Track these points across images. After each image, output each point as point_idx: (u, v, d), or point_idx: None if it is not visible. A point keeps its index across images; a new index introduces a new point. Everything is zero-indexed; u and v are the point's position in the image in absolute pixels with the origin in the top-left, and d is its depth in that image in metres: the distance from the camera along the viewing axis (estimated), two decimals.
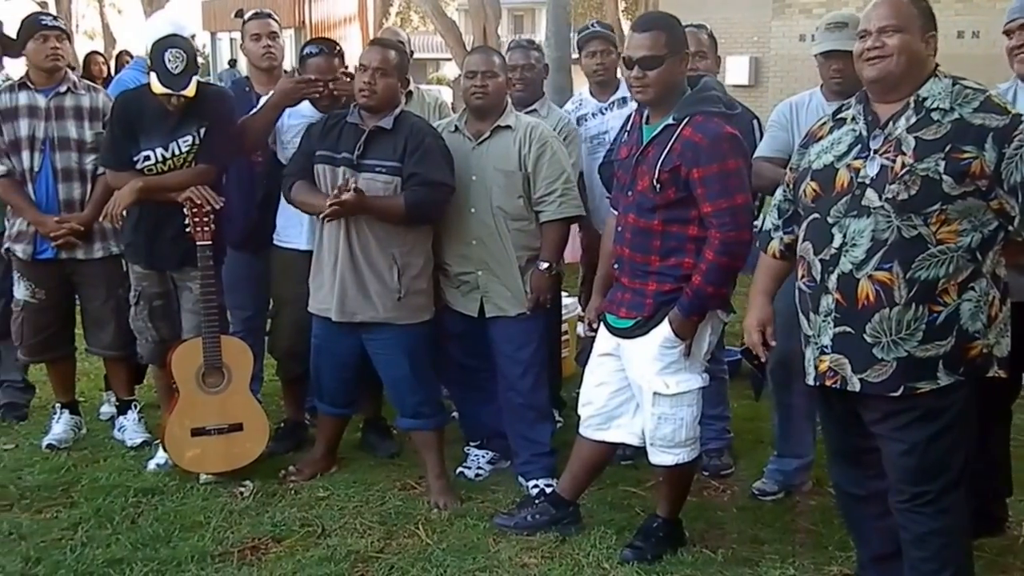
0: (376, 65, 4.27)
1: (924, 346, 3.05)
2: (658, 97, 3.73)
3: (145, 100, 4.57)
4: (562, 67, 15.35)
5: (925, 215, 3.00)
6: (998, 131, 2.97)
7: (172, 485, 4.57)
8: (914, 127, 3.06)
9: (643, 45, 3.70)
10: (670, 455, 3.84)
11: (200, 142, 4.55)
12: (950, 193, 2.98)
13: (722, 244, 3.62)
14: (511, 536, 4.12)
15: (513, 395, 4.54)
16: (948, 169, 2.98)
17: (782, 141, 4.39)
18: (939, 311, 3.03)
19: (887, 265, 3.05)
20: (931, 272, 3.02)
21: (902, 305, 3.04)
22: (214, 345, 4.52)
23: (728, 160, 3.65)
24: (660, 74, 3.69)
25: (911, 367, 3.06)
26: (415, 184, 4.23)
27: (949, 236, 3.01)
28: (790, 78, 19.00)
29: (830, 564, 3.92)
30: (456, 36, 22.60)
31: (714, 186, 3.62)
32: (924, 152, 3.01)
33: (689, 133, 3.66)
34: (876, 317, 3.07)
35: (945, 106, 3.05)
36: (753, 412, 5.32)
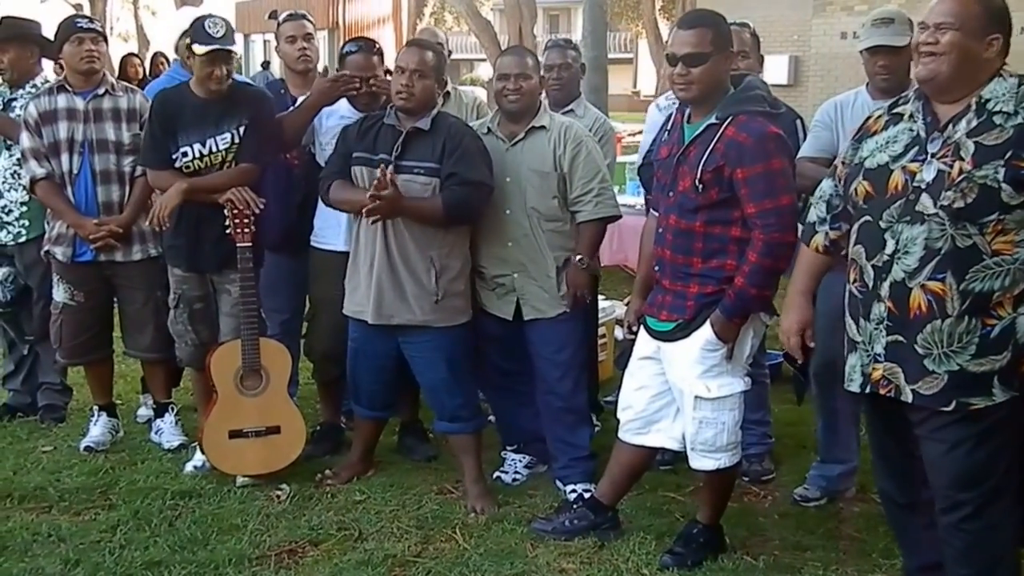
0: (414, 67, 4.24)
1: (978, 360, 2.96)
2: (701, 95, 3.68)
3: (184, 97, 4.60)
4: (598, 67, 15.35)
5: (981, 224, 2.91)
6: None
7: (209, 488, 4.57)
8: (975, 131, 2.95)
9: (688, 42, 3.66)
10: (711, 460, 3.80)
11: (240, 141, 4.56)
12: (1009, 202, 2.88)
13: (766, 245, 3.57)
14: (549, 541, 4.08)
15: (552, 398, 4.50)
16: (1008, 177, 2.87)
17: (826, 141, 4.34)
18: (993, 324, 2.94)
19: (940, 275, 2.96)
20: (986, 284, 2.93)
21: (955, 317, 2.95)
22: (253, 348, 4.51)
23: (773, 160, 3.59)
24: (704, 71, 3.64)
25: (964, 381, 2.97)
26: (454, 184, 4.20)
27: (1005, 247, 2.92)
28: (831, 77, 18.82)
29: (874, 572, 3.87)
30: (491, 36, 22.65)
31: (758, 186, 3.57)
32: (984, 158, 2.90)
33: (733, 132, 3.61)
34: (928, 328, 2.98)
35: (1009, 109, 2.93)
36: (795, 416, 5.25)
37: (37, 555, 4.00)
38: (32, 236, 5.18)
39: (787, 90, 18.33)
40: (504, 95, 4.38)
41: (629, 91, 41.80)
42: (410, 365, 4.48)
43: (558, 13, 51.72)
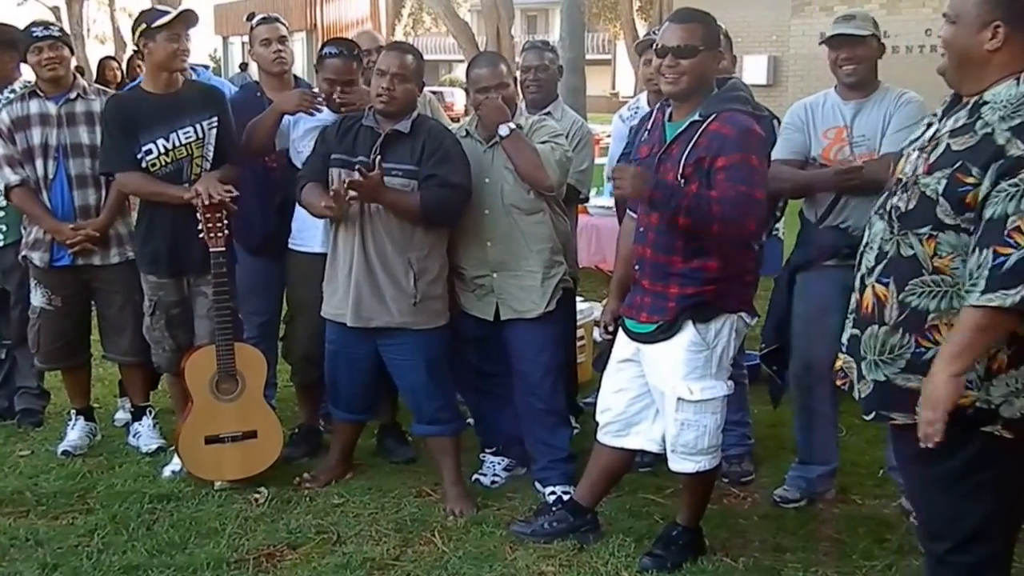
0: (395, 71, 4.23)
1: (906, 375, 2.75)
2: (688, 90, 3.68)
3: (139, 97, 4.63)
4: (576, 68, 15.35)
5: (919, 236, 2.69)
6: (1009, 161, 2.52)
7: (188, 491, 4.55)
8: (956, 131, 2.68)
9: (679, 35, 3.67)
10: (691, 462, 3.80)
11: (203, 136, 4.58)
12: (943, 220, 2.64)
13: (724, 212, 3.51)
14: (528, 544, 4.08)
15: (533, 399, 4.50)
16: (946, 191, 2.62)
17: (799, 143, 4.35)
18: (927, 347, 2.70)
19: (885, 280, 2.77)
20: (922, 301, 2.70)
21: (890, 327, 2.76)
22: (228, 353, 4.49)
23: (752, 155, 3.60)
24: (694, 65, 3.65)
25: (888, 393, 2.79)
26: (433, 185, 4.20)
27: (945, 267, 2.66)
28: (811, 77, 18.89)
29: (854, 573, 3.88)
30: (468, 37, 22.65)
31: (737, 173, 3.55)
32: (939, 164, 2.66)
33: (717, 127, 3.62)
34: (868, 331, 2.82)
35: (992, 118, 2.60)
36: (774, 418, 5.26)
37: (15, 559, 3.98)
38: (9, 241, 5.15)
39: (766, 90, 18.45)
40: None
41: (607, 92, 41.86)
42: (388, 367, 4.46)
43: (536, 14, 51.77)
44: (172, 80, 4.62)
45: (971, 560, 2.82)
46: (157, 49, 4.52)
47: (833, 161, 4.24)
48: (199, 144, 4.58)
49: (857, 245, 3.01)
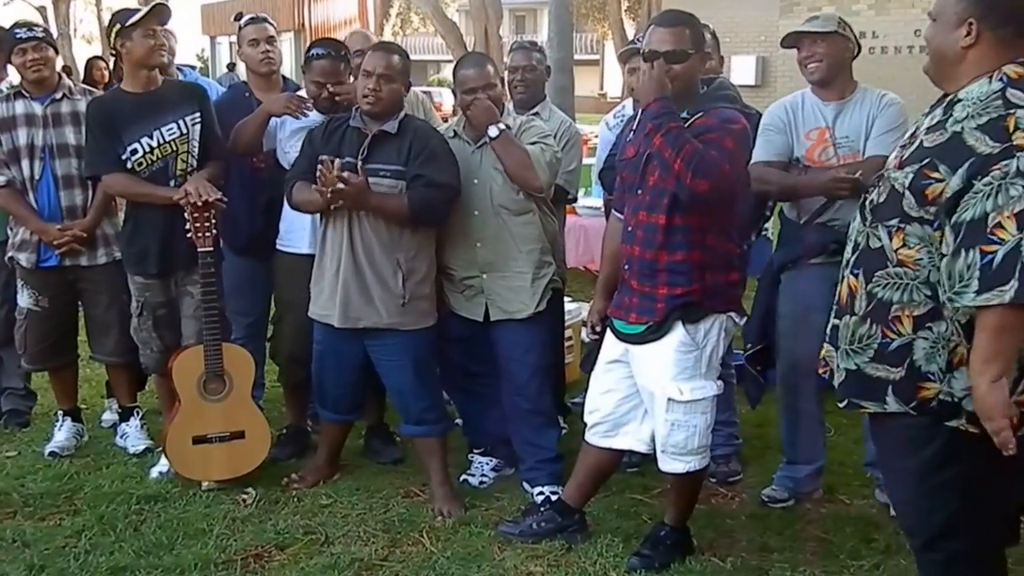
0: (381, 71, 4.22)
1: (875, 364, 2.81)
2: (677, 93, 3.69)
3: (119, 97, 4.64)
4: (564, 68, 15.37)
5: (888, 228, 2.75)
6: (979, 159, 2.55)
7: (175, 492, 4.54)
8: (930, 128, 2.73)
9: (669, 39, 3.69)
10: (681, 463, 3.81)
11: (187, 132, 4.58)
12: (908, 212, 2.69)
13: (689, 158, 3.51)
14: (516, 544, 4.08)
15: (520, 400, 4.50)
16: (912, 184, 2.67)
17: (781, 145, 4.34)
18: (892, 337, 2.76)
19: (856, 271, 2.85)
20: (886, 292, 2.76)
21: (859, 316, 2.82)
22: (215, 353, 4.49)
23: (730, 138, 3.61)
24: (684, 69, 3.68)
25: (859, 382, 2.85)
26: (421, 185, 4.19)
27: (909, 260, 2.72)
28: (798, 78, 18.87)
29: (841, 573, 3.89)
30: (457, 37, 22.63)
31: (713, 145, 3.57)
32: (910, 159, 2.72)
33: (702, 120, 3.65)
34: (843, 320, 2.89)
35: (961, 115, 2.64)
36: (761, 418, 5.28)
37: (2, 560, 3.97)
38: None
39: (755, 90, 18.49)
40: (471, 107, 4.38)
41: (596, 92, 41.88)
42: (376, 368, 4.46)
43: (524, 14, 51.77)
44: (152, 78, 4.62)
45: (941, 558, 2.87)
46: (134, 47, 4.53)
47: (817, 162, 4.24)
48: (183, 140, 4.59)
49: (843, 242, 3.04)
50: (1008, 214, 2.51)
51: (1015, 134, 2.55)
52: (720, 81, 4.09)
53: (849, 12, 17.65)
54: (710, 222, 3.69)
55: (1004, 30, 2.69)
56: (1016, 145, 2.53)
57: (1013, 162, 2.52)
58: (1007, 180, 2.52)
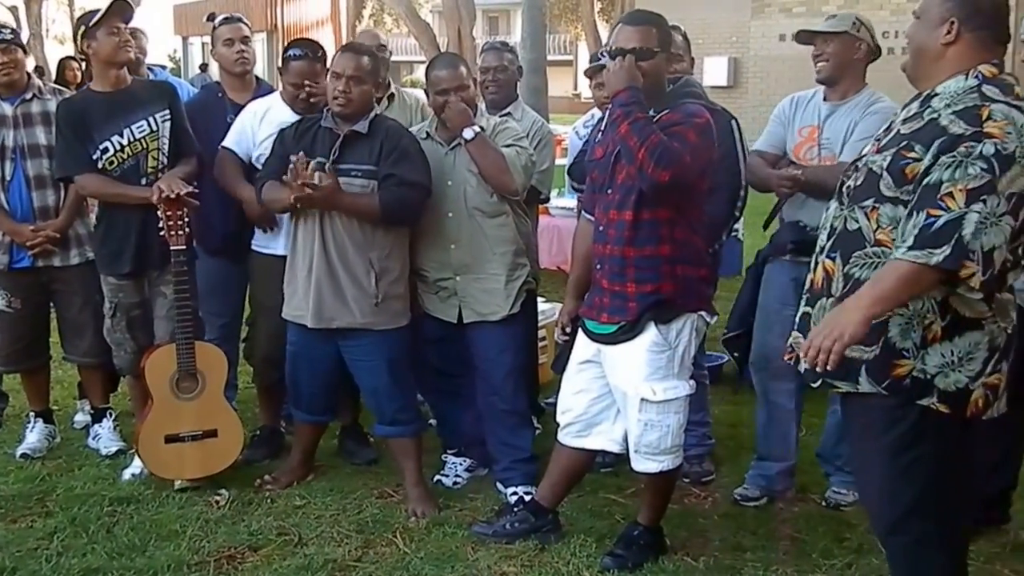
0: (351, 73, 4.22)
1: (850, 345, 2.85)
2: (644, 91, 3.70)
3: (88, 98, 4.62)
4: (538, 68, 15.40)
5: (864, 209, 2.87)
6: (951, 138, 2.72)
7: (148, 494, 4.52)
8: (907, 120, 2.89)
9: (635, 38, 3.71)
10: (655, 462, 3.82)
11: (157, 129, 4.57)
12: (884, 192, 2.83)
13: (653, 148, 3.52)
14: (490, 544, 4.08)
15: (495, 400, 4.51)
16: (890, 165, 2.82)
17: (777, 137, 4.45)
18: None
19: (833, 254, 2.96)
20: (864, 272, 2.87)
21: (836, 298, 2.92)
22: (188, 351, 4.47)
23: (692, 130, 3.63)
24: (650, 67, 3.70)
25: None
26: (392, 184, 4.20)
27: (886, 239, 2.84)
28: (770, 79, 19.10)
29: (814, 572, 3.91)
30: (430, 38, 22.60)
31: (676, 136, 3.59)
32: (888, 145, 2.88)
33: (668, 116, 3.68)
34: (818, 304, 2.99)
35: (939, 106, 2.81)
36: (734, 417, 5.30)
37: None
38: None
39: (726, 91, 18.57)
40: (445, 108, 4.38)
41: (569, 93, 41.90)
42: (350, 368, 4.46)
43: (497, 15, 51.76)
44: (121, 77, 4.61)
45: (908, 540, 2.95)
46: (100, 46, 4.52)
47: (803, 159, 4.31)
48: (154, 137, 4.57)
49: (811, 242, 3.12)
50: (961, 187, 2.67)
51: (987, 123, 2.71)
52: (686, 79, 4.13)
53: (819, 13, 17.77)
54: (677, 215, 3.72)
55: (983, 32, 2.87)
56: (986, 132, 2.70)
57: (980, 145, 2.69)
58: (969, 159, 2.69)
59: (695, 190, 3.75)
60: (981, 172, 2.66)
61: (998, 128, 2.70)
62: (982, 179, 2.66)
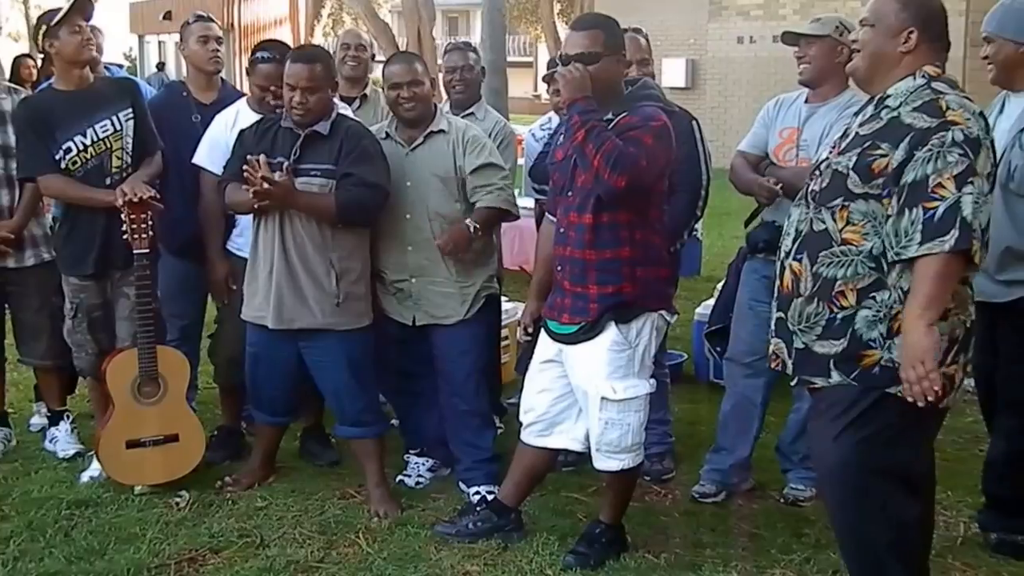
0: (304, 84, 4.20)
1: (821, 341, 3.05)
2: (595, 94, 3.71)
3: (50, 97, 4.60)
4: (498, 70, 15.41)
5: (832, 209, 2.99)
6: (919, 132, 2.88)
7: (106, 497, 4.49)
8: (865, 121, 3.04)
9: (580, 43, 3.73)
10: (616, 461, 3.84)
11: (120, 128, 4.54)
12: (853, 190, 2.96)
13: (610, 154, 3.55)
14: (453, 544, 4.09)
15: (457, 401, 4.51)
16: (856, 164, 2.95)
17: (760, 138, 4.52)
18: (836, 312, 3.01)
19: (799, 256, 3.07)
20: (831, 270, 3.00)
21: (806, 297, 3.05)
22: (150, 355, 4.44)
23: (649, 135, 3.65)
24: (596, 71, 3.70)
25: (808, 359, 3.08)
26: (350, 184, 4.19)
27: (854, 237, 2.98)
28: (728, 80, 19.26)
29: (773, 567, 3.94)
30: (389, 39, 22.56)
31: (631, 141, 3.61)
32: (849, 147, 3.00)
33: (626, 119, 3.70)
34: (791, 306, 3.10)
35: (894, 104, 2.99)
36: (694, 416, 5.34)
37: None
38: None
39: (685, 93, 18.69)
40: (399, 103, 4.38)
41: (529, 94, 41.95)
42: (311, 369, 4.45)
43: (457, 16, 51.72)
44: (84, 76, 4.57)
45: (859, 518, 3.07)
46: (63, 45, 4.48)
47: (782, 161, 4.37)
48: (117, 136, 4.54)
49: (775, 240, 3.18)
50: (948, 176, 2.82)
51: (948, 112, 2.89)
52: (643, 81, 4.15)
53: (776, 16, 17.96)
54: (637, 218, 3.74)
55: (937, 43, 3.04)
56: (950, 120, 2.87)
57: (949, 133, 2.85)
58: (944, 148, 2.84)
59: (654, 191, 3.78)
60: (960, 158, 2.82)
61: (958, 116, 2.88)
62: (963, 164, 2.82)
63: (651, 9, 17.63)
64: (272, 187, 4.07)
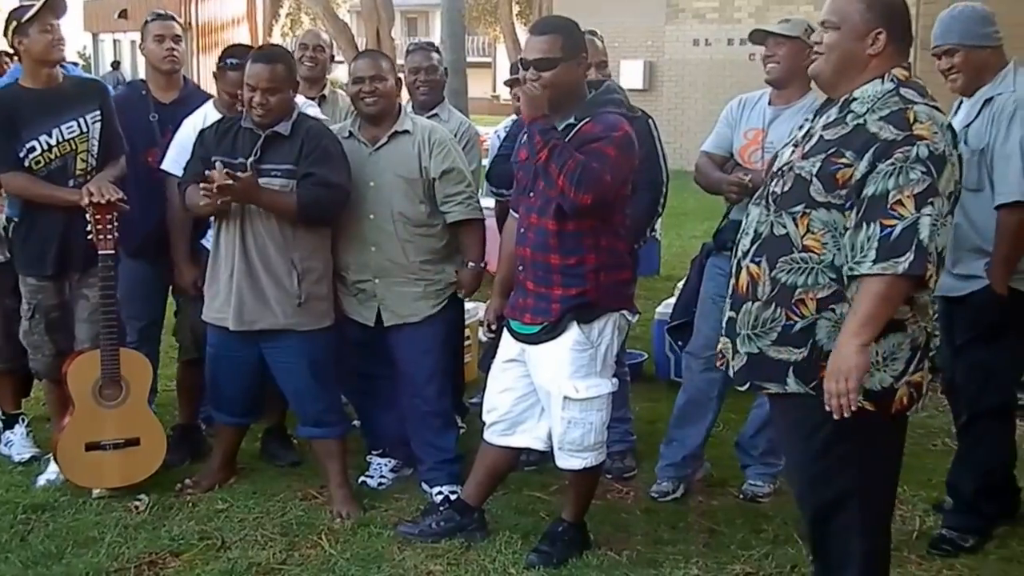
0: (265, 85, 4.18)
1: (777, 347, 2.96)
2: (553, 100, 3.73)
3: (17, 94, 4.52)
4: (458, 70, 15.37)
5: (793, 215, 2.91)
6: (884, 144, 2.78)
7: (64, 500, 4.44)
8: (829, 124, 2.94)
9: (538, 48, 3.73)
10: (578, 459, 3.86)
11: (87, 130, 4.50)
12: (815, 198, 2.87)
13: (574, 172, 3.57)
14: (416, 544, 4.09)
15: (418, 401, 4.51)
16: (819, 171, 2.86)
17: (725, 139, 4.54)
18: (795, 320, 2.92)
19: (758, 259, 2.99)
20: (791, 277, 2.92)
21: (763, 302, 2.97)
22: (112, 358, 4.40)
23: (612, 147, 3.66)
24: (554, 76, 3.71)
25: (761, 364, 3.00)
26: (310, 184, 4.18)
27: (814, 244, 2.89)
28: (684, 82, 19.42)
29: (733, 563, 3.97)
30: (348, 38, 22.51)
31: (594, 156, 3.62)
32: (813, 151, 2.91)
33: (588, 128, 3.70)
34: (743, 308, 3.03)
35: (861, 110, 2.88)
36: (655, 414, 5.37)
37: None
38: None
39: (642, 94, 18.80)
40: (360, 98, 4.37)
41: (489, 95, 42.01)
42: (272, 370, 4.43)
43: (416, 16, 51.65)
44: (53, 75, 4.53)
45: (835, 527, 3.04)
46: (32, 44, 4.43)
47: (748, 162, 4.39)
48: (83, 138, 4.50)
49: None
50: (908, 194, 2.73)
51: (915, 125, 2.78)
52: (607, 85, 4.16)
53: (731, 19, 18.11)
54: (602, 224, 3.76)
55: (902, 42, 2.96)
56: (916, 134, 2.77)
57: (914, 148, 2.75)
58: (908, 163, 2.75)
59: (618, 196, 3.79)
60: (922, 176, 2.73)
61: (926, 129, 2.78)
62: (924, 182, 2.73)
63: (609, 11, 17.71)
64: (235, 183, 4.04)
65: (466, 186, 4.44)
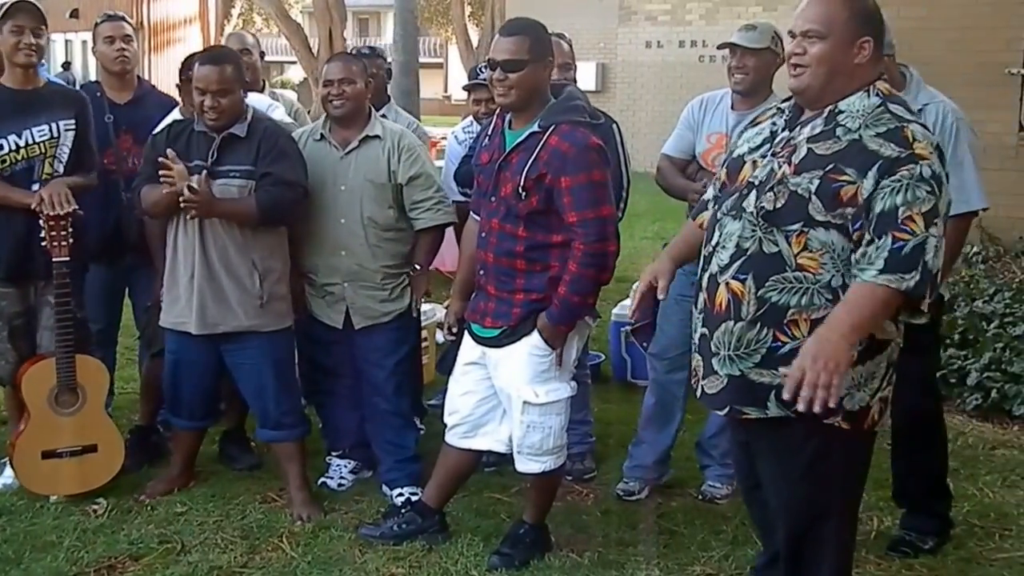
0: (215, 88, 4.16)
1: (759, 370, 2.87)
2: (520, 101, 3.75)
3: None
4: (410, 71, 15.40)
5: (787, 233, 2.80)
6: (887, 161, 2.71)
7: (21, 504, 4.40)
8: (815, 137, 2.83)
9: (507, 49, 3.74)
10: (538, 463, 3.88)
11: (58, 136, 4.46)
12: (814, 216, 2.77)
13: (585, 255, 3.67)
14: (377, 546, 4.09)
15: (379, 401, 4.52)
16: (819, 189, 2.76)
17: (686, 142, 4.56)
18: (784, 342, 2.82)
19: (742, 276, 2.87)
20: (783, 297, 2.81)
21: (747, 322, 2.85)
22: (68, 365, 4.36)
23: (594, 171, 3.69)
24: (522, 78, 3.72)
25: (742, 388, 2.91)
26: (268, 184, 4.18)
27: (810, 264, 2.79)
28: (636, 84, 19.54)
29: (693, 564, 4.01)
30: (301, 39, 22.35)
31: (581, 196, 3.66)
32: (806, 166, 2.79)
33: (556, 142, 3.69)
34: (722, 327, 2.91)
35: (854, 125, 2.79)
36: (615, 416, 5.40)
37: None
38: None
39: (595, 96, 18.85)
40: (329, 100, 4.38)
41: (440, 95, 41.98)
42: (233, 373, 4.42)
43: (368, 17, 51.45)
44: (29, 76, 4.48)
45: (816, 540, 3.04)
46: (2, 42, 4.39)
47: (712, 167, 4.38)
48: (53, 144, 4.45)
49: None
50: (917, 211, 2.68)
51: (915, 144, 2.74)
52: (569, 91, 4.17)
53: (682, 22, 18.25)
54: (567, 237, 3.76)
55: (880, 50, 2.91)
56: (918, 154, 2.72)
57: (918, 167, 2.71)
58: (913, 181, 2.70)
59: None
60: (927, 195, 2.69)
61: (924, 149, 2.74)
62: (930, 202, 2.69)
63: (562, 14, 17.73)
64: (195, 196, 4.03)
65: (435, 191, 4.46)
